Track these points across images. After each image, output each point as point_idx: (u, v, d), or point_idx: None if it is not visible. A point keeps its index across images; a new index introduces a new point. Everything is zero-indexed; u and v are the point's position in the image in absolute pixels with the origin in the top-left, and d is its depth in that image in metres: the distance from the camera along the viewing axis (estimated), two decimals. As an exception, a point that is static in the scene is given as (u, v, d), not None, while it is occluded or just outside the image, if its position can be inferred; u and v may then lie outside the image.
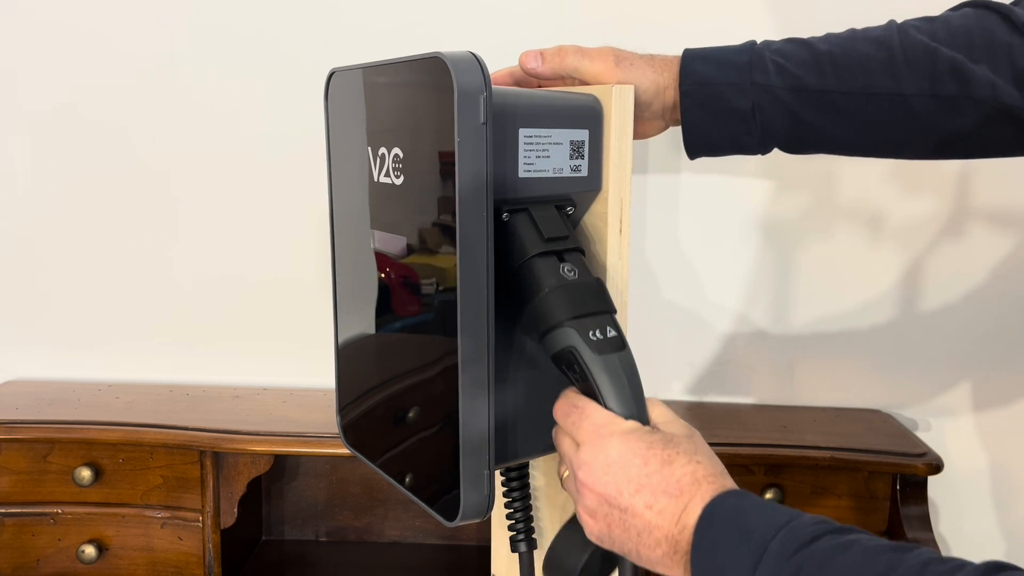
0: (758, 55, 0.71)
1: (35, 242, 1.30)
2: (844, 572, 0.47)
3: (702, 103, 0.71)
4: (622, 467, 0.55)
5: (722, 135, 0.72)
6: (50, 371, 1.35)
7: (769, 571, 0.49)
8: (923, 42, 0.69)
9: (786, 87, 0.70)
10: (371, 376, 0.71)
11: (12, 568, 1.16)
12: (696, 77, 0.71)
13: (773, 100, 0.70)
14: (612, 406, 0.57)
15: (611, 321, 0.59)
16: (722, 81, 0.70)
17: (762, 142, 0.73)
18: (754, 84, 0.70)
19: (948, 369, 1.29)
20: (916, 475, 1.12)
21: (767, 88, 0.70)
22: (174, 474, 1.15)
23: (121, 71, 1.25)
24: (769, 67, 0.70)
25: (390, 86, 0.63)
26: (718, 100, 0.71)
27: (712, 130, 0.72)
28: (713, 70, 0.71)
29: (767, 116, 0.71)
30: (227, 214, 1.29)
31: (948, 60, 0.68)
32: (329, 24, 1.22)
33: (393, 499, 1.34)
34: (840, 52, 0.70)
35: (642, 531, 0.54)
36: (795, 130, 0.72)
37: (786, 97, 0.70)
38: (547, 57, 0.70)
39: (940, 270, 1.26)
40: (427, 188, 0.58)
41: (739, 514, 0.52)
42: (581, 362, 0.57)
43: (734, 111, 0.71)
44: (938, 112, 0.69)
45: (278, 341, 1.33)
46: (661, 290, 1.28)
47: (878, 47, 0.70)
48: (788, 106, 0.70)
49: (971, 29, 0.69)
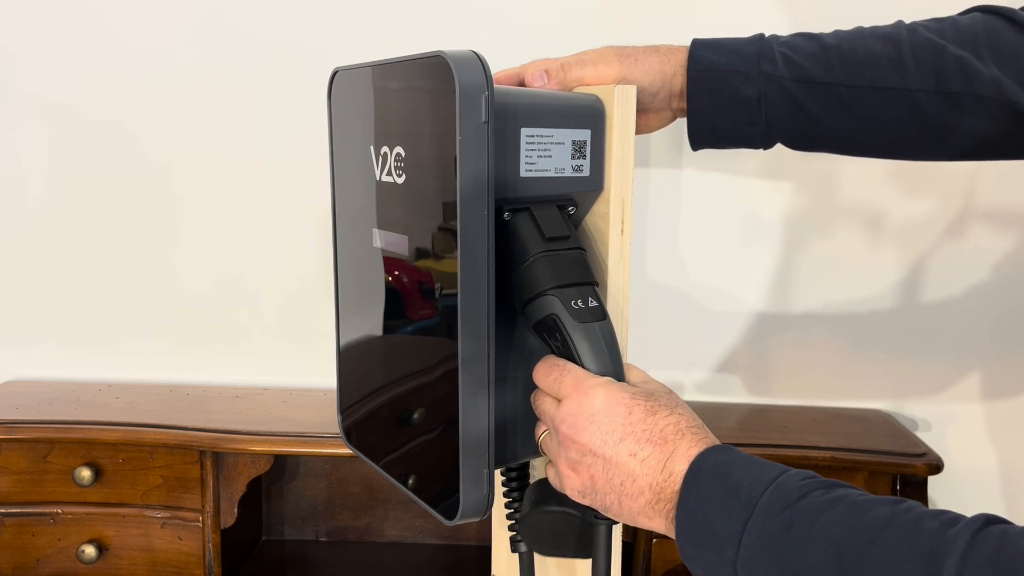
0: (767, 46, 0.72)
1: (35, 242, 1.30)
2: (835, 528, 0.47)
3: (709, 89, 0.71)
4: (606, 416, 0.55)
5: (727, 123, 0.73)
6: (50, 371, 1.35)
7: (759, 528, 0.49)
8: (931, 39, 0.69)
9: (793, 78, 0.70)
10: (372, 376, 0.71)
11: (12, 568, 1.16)
12: (704, 63, 0.71)
13: (780, 90, 0.71)
14: (592, 371, 0.58)
15: (593, 292, 0.60)
16: (730, 68, 0.71)
17: (766, 134, 0.73)
18: (762, 73, 0.70)
19: (948, 369, 1.29)
20: (916, 475, 1.12)
21: (774, 78, 0.70)
22: (174, 474, 1.15)
23: (121, 70, 1.25)
24: (777, 58, 0.71)
25: (393, 85, 0.63)
26: (726, 87, 0.71)
27: (717, 118, 0.72)
28: (721, 57, 0.71)
29: (773, 106, 0.71)
30: (228, 213, 1.29)
31: (955, 57, 0.68)
32: (333, 23, 1.22)
33: (393, 499, 1.34)
34: (848, 47, 0.71)
35: (625, 480, 0.55)
36: (799, 122, 0.72)
37: (793, 88, 0.70)
38: (552, 74, 0.71)
39: (940, 270, 1.26)
40: (429, 187, 0.58)
41: (727, 469, 0.52)
42: (563, 329, 0.58)
43: (740, 99, 0.71)
44: (943, 108, 0.69)
45: (278, 341, 1.33)
46: (662, 290, 1.28)
47: (886, 43, 0.70)
48: (794, 97, 0.71)
49: (978, 30, 0.69)
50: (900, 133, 0.71)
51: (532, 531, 0.66)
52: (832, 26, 0.75)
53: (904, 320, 1.27)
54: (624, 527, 0.67)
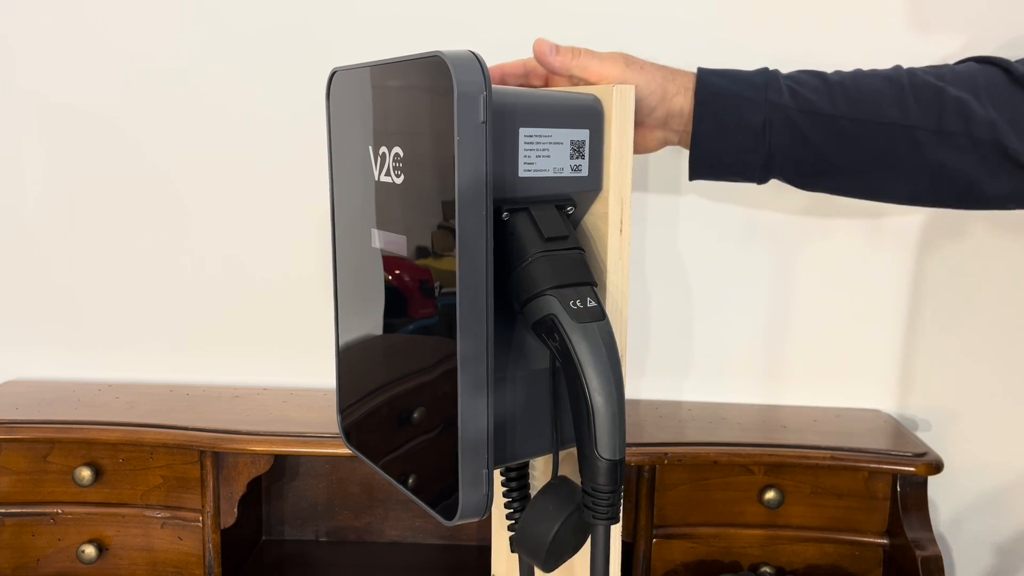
0: (773, 77, 0.73)
1: (36, 242, 1.31)
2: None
3: (715, 113, 0.72)
4: None
5: (729, 149, 0.73)
6: (50, 371, 1.35)
7: None
8: (930, 81, 0.71)
9: (798, 108, 0.71)
10: (371, 376, 0.71)
11: (12, 568, 1.17)
12: (712, 87, 0.72)
13: (785, 119, 0.71)
14: (590, 374, 0.57)
15: (591, 292, 0.60)
16: (737, 94, 0.72)
17: (767, 164, 0.74)
18: (768, 101, 0.71)
19: (948, 369, 1.29)
20: (916, 475, 1.12)
21: (780, 107, 0.72)
22: (174, 474, 1.15)
23: (121, 69, 1.25)
24: (783, 88, 0.72)
25: (391, 85, 0.63)
26: (731, 112, 0.72)
27: (720, 143, 0.73)
28: (729, 83, 0.72)
29: (776, 134, 0.72)
30: (228, 213, 1.29)
31: (954, 98, 0.70)
32: (332, 23, 1.22)
33: (393, 499, 1.34)
34: (852, 83, 0.72)
35: None
36: (802, 154, 0.73)
37: (797, 118, 0.71)
38: (561, 50, 0.71)
39: (941, 270, 1.26)
40: (427, 187, 0.58)
41: None
42: (561, 329, 0.58)
43: (745, 125, 0.72)
44: (941, 148, 0.70)
45: (278, 341, 1.33)
46: (661, 290, 1.28)
47: (887, 82, 0.72)
48: (798, 127, 0.72)
49: (976, 75, 0.72)
50: (899, 171, 0.72)
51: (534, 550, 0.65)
52: None
53: (904, 320, 1.27)
54: (624, 527, 0.67)
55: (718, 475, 1.14)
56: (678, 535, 1.15)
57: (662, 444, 1.13)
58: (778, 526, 1.16)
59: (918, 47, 1.18)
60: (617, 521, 0.60)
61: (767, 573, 1.15)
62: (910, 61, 0.77)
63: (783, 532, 1.16)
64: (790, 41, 1.19)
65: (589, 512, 0.59)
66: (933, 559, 1.08)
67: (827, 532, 1.16)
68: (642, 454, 1.11)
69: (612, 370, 0.58)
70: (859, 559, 1.16)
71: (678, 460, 1.11)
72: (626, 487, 1.12)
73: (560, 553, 0.63)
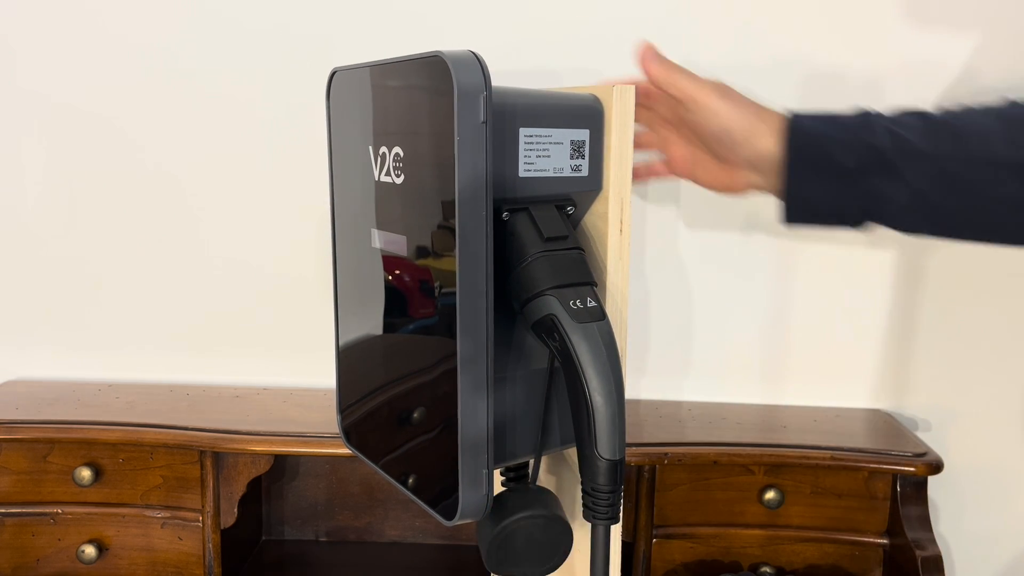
0: (870, 118, 0.70)
1: (36, 242, 1.31)
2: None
3: (808, 156, 0.69)
4: None
5: (824, 195, 0.70)
6: (50, 371, 1.35)
7: None
8: None
9: (897, 149, 0.68)
10: (371, 376, 0.71)
11: (12, 568, 1.17)
12: (804, 129, 0.69)
13: (881, 163, 0.68)
14: (590, 374, 0.58)
15: (591, 292, 0.60)
16: (830, 135, 0.69)
17: (864, 209, 0.70)
18: (861, 141, 0.68)
19: (948, 369, 1.29)
20: (916, 475, 1.12)
21: (876, 148, 0.68)
22: (174, 474, 1.15)
23: (121, 69, 1.25)
24: (879, 129, 0.69)
25: (391, 85, 0.63)
26: (824, 157, 0.69)
27: (814, 189, 0.70)
28: (820, 125, 0.70)
29: (872, 176, 0.68)
30: (228, 213, 1.29)
31: None
32: (332, 23, 1.22)
33: (393, 499, 1.34)
34: (955, 120, 0.68)
35: None
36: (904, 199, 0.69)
37: (897, 160, 0.68)
38: (662, 61, 0.70)
39: (941, 269, 1.26)
40: (427, 187, 0.58)
41: None
42: (561, 329, 0.58)
43: (840, 170, 0.68)
44: None
45: (278, 341, 1.33)
46: (661, 290, 1.28)
47: (997, 119, 0.67)
48: (899, 171, 0.68)
49: None
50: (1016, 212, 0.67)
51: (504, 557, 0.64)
52: None
53: (904, 320, 1.27)
54: (624, 527, 0.67)
55: (718, 475, 1.14)
56: (678, 535, 1.15)
57: (662, 444, 1.13)
58: (778, 526, 1.16)
59: (919, 47, 1.18)
60: (617, 521, 0.60)
61: (767, 573, 1.15)
62: (910, 61, 0.75)
63: (783, 532, 1.16)
64: (806, 43, 1.19)
65: (589, 512, 0.59)
66: (933, 559, 1.08)
67: (827, 532, 1.16)
68: (642, 454, 1.11)
69: (612, 370, 0.58)
70: (859, 559, 1.16)
71: (678, 460, 1.11)
72: (626, 487, 1.12)
73: (514, 561, 0.63)
